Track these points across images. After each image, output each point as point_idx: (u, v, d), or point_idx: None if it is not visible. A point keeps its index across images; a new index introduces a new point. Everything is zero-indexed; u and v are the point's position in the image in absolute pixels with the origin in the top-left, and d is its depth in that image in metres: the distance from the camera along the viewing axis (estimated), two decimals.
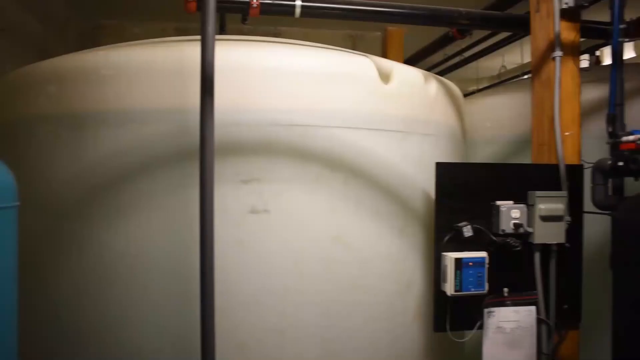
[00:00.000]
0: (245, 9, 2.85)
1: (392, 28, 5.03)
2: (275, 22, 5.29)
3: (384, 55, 5.04)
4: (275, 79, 2.40)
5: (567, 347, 2.77)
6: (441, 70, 6.08)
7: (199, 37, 2.11)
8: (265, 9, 2.86)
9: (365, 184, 2.50)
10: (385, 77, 2.60)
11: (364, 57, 2.64)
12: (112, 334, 2.37)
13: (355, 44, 5.34)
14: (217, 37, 2.20)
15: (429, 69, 5.72)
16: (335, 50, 2.67)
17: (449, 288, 2.44)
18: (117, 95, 2.38)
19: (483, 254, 2.50)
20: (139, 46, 2.56)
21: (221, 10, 3.08)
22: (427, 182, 2.61)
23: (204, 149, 2.07)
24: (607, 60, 5.23)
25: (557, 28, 2.73)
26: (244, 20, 3.12)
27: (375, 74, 2.57)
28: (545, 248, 2.63)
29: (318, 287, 2.43)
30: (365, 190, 2.50)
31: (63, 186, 2.47)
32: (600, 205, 2.76)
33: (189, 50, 2.34)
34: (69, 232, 2.44)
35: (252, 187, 2.35)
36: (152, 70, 2.38)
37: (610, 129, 2.75)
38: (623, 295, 2.50)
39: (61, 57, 2.64)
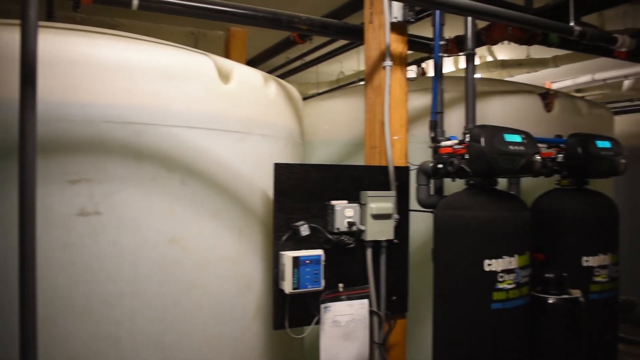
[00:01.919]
0: None
1: (235, 28, 5.00)
2: (113, 13, 4.98)
3: (227, 55, 4.99)
4: (109, 73, 2.27)
5: (396, 334, 2.97)
6: (283, 72, 6.20)
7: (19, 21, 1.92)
8: None
9: (203, 185, 2.46)
10: (225, 77, 2.59)
11: (204, 56, 2.60)
12: None
13: (197, 42, 5.23)
14: (43, 23, 2.03)
15: (271, 71, 5.82)
16: (174, 47, 2.60)
17: (287, 286, 2.49)
18: None
19: (319, 251, 2.59)
20: None
21: None
22: (266, 183, 2.65)
23: (24, 146, 1.87)
24: (431, 72, 5.74)
25: (387, 39, 2.92)
26: (75, 8, 2.90)
27: (215, 73, 2.55)
28: (376, 244, 2.81)
29: (155, 291, 2.35)
30: (204, 191, 2.47)
31: None
32: (424, 203, 3.01)
33: (8, 36, 2.11)
34: None
35: (81, 187, 2.20)
36: None
37: (432, 134, 3.02)
38: (440, 285, 2.77)
39: None
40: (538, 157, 2.69)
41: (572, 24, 3.04)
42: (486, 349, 2.62)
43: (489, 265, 2.58)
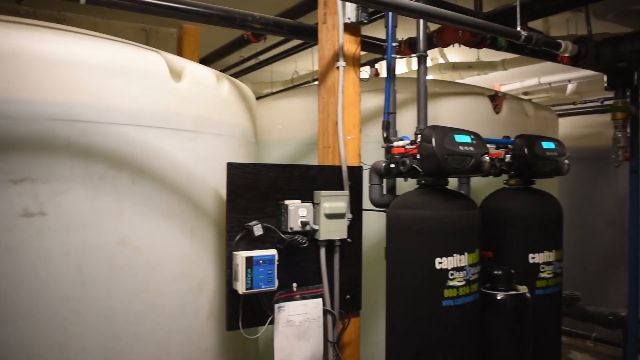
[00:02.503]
0: None
1: (188, 25, 4.93)
2: (60, 7, 4.83)
3: (179, 52, 4.92)
4: (54, 69, 2.19)
5: (350, 333, 3.00)
6: (237, 71, 6.16)
7: None
8: None
9: (154, 185, 2.42)
10: (176, 75, 2.55)
11: (155, 53, 2.55)
12: None
13: (149, 39, 5.12)
14: None
15: (225, 70, 5.76)
16: (124, 43, 2.53)
17: (241, 286, 2.47)
18: None
19: (273, 251, 2.58)
20: None
21: None
22: (218, 182, 2.62)
23: None
24: (384, 73, 5.81)
25: (341, 40, 2.94)
26: (18, 0, 2.81)
27: (166, 71, 2.50)
28: (329, 243, 2.82)
29: (103, 294, 2.29)
30: (155, 191, 2.42)
31: None
32: (376, 203, 3.04)
33: None
34: None
35: (25, 187, 2.11)
36: None
37: (384, 135, 3.05)
38: (393, 283, 2.81)
39: None
40: (487, 158, 2.76)
41: (518, 28, 3.13)
42: (438, 344, 2.67)
43: (440, 263, 2.63)
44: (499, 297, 2.88)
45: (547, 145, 3.22)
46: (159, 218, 2.45)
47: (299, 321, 2.71)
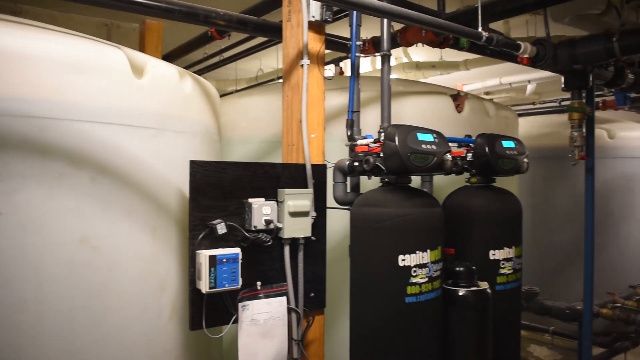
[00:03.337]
0: None
1: (150, 21, 4.83)
2: None
3: (142, 48, 4.82)
4: (9, 63, 2.14)
5: (314, 330, 3.00)
6: (201, 68, 6.09)
7: None
8: None
9: (115, 182, 2.37)
10: (138, 71, 2.51)
11: (116, 48, 2.50)
12: None
13: (110, 34, 5.01)
14: None
15: (189, 67, 5.69)
16: (84, 38, 2.48)
17: (204, 285, 2.45)
18: None
19: (237, 250, 2.56)
20: None
21: None
22: (181, 180, 2.58)
23: None
24: (349, 71, 5.84)
25: (305, 38, 2.94)
26: None
27: (127, 67, 2.46)
28: (293, 242, 2.82)
29: (62, 294, 2.24)
30: (116, 189, 2.38)
31: None
32: (340, 201, 3.05)
33: None
34: None
35: None
36: None
37: (348, 133, 3.06)
38: (357, 280, 2.83)
39: None
40: (449, 156, 2.80)
41: (480, 29, 3.19)
42: (401, 340, 2.71)
43: (403, 260, 2.66)
44: (460, 293, 2.93)
45: (507, 144, 3.29)
46: (120, 217, 2.40)
47: (264, 320, 2.70)
